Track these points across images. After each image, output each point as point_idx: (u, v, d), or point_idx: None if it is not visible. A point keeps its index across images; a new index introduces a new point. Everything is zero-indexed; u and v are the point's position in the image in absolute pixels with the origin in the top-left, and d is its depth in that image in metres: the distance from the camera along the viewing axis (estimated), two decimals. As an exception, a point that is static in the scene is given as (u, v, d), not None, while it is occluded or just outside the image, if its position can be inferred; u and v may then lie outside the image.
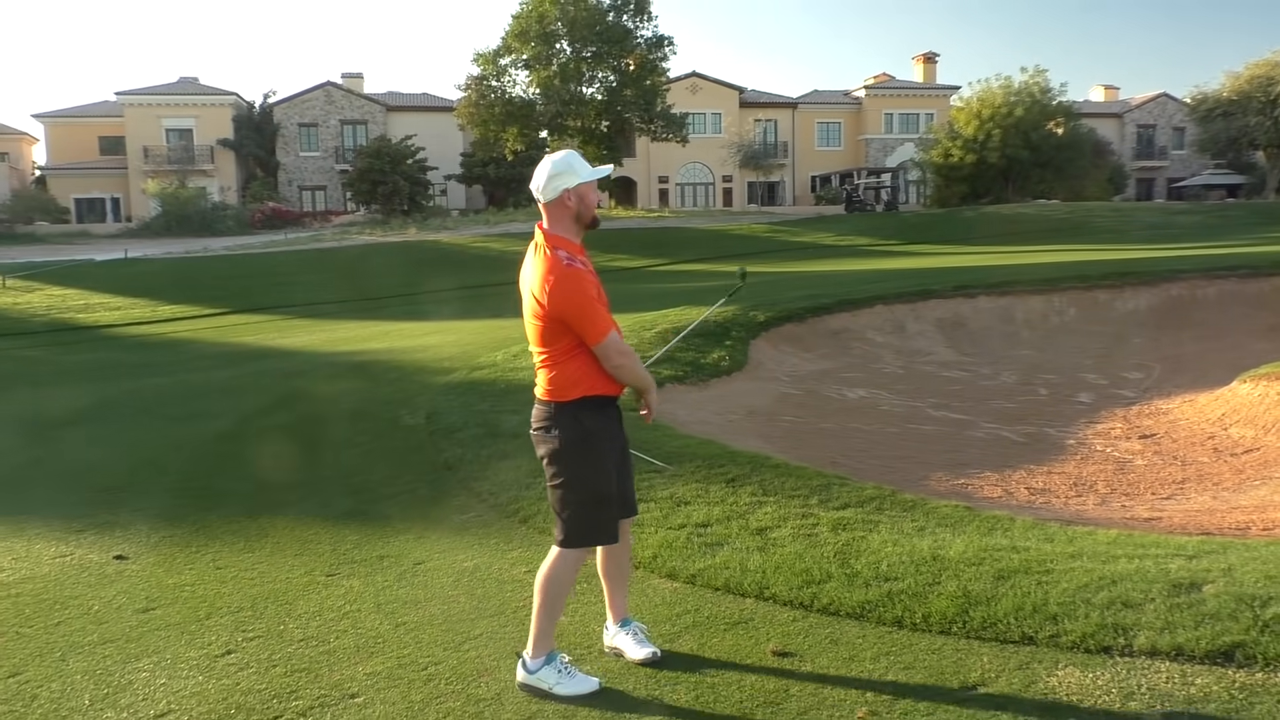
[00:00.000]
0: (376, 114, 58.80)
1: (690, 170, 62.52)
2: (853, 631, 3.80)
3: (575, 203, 3.41)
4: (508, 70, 46.16)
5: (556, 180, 3.39)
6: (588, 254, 3.57)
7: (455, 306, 20.56)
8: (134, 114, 54.91)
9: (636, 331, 13.26)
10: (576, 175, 3.39)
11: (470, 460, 7.30)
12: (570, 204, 3.41)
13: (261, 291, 24.88)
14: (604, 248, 33.09)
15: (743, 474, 6.40)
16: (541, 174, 3.41)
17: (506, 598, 4.52)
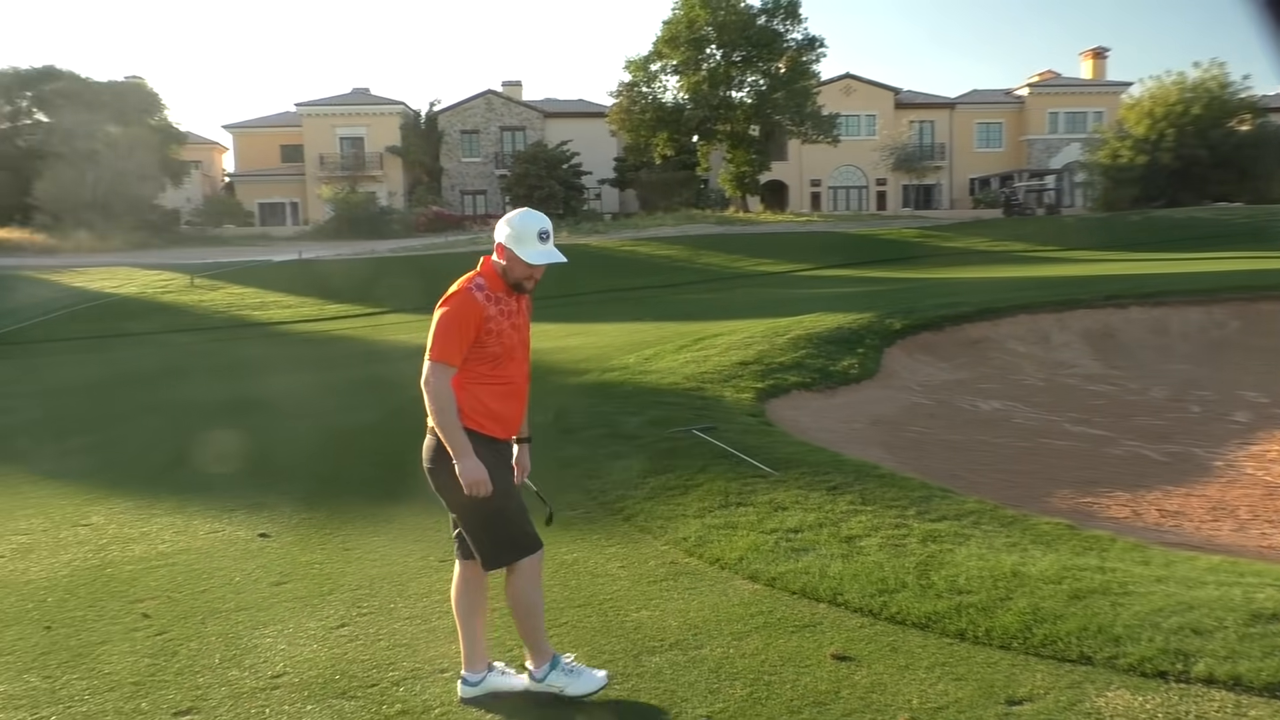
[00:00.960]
0: (534, 120, 60.57)
1: (843, 173, 61.69)
2: (915, 640, 3.90)
3: (507, 261, 3.47)
4: (658, 76, 46.81)
5: (502, 229, 3.49)
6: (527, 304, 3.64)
7: (598, 309, 21.13)
8: (311, 124, 58.44)
9: (768, 337, 13.38)
10: (517, 244, 3.44)
11: (587, 459, 7.63)
12: (501, 258, 3.49)
13: (417, 292, 26.13)
14: (750, 252, 33.18)
15: (845, 482, 6.49)
16: (505, 217, 3.55)
17: (596, 589, 4.80)
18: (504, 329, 3.49)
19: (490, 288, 3.49)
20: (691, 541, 5.39)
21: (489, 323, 3.44)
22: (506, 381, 3.58)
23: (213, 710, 3.74)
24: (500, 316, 3.47)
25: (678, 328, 15.58)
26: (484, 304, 3.44)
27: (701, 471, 6.86)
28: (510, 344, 3.53)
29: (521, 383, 3.67)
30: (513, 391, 3.63)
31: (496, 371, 3.54)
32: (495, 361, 3.52)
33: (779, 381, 11.14)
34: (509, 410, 3.63)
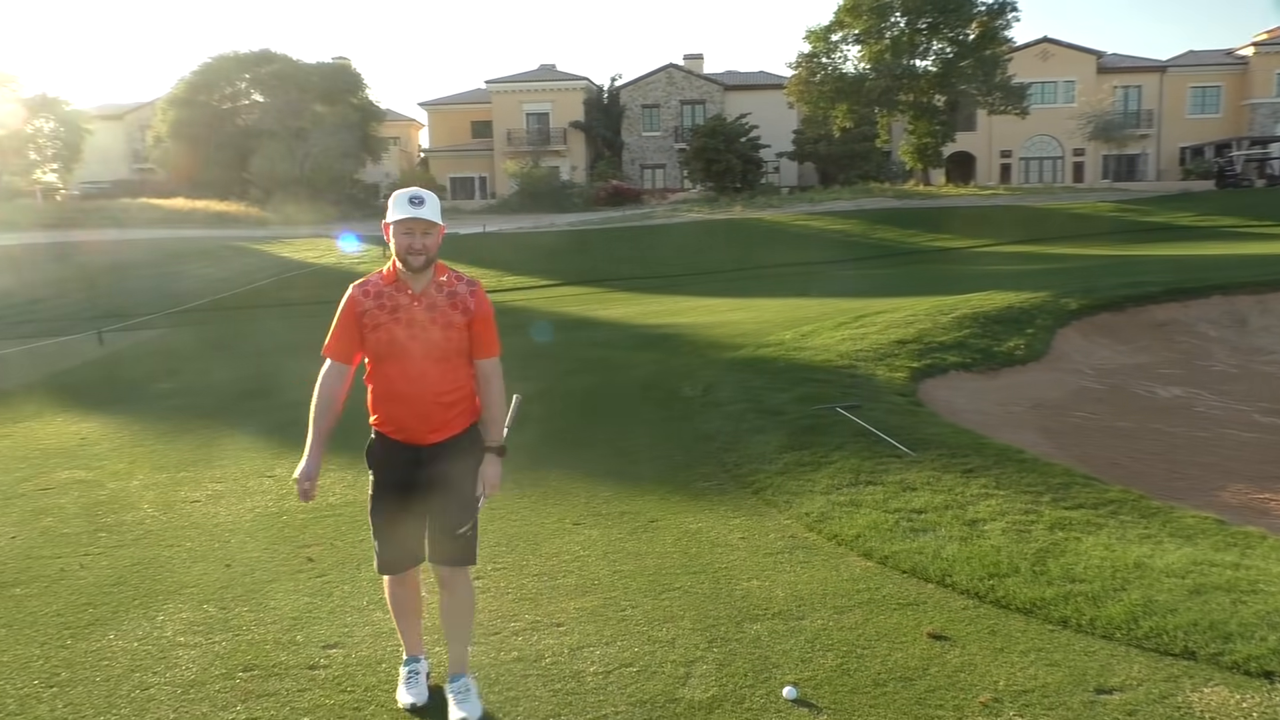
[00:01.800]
0: (714, 94, 60.52)
1: (1036, 143, 58.58)
2: (1015, 625, 3.90)
3: (390, 239, 3.38)
4: (838, 46, 45.80)
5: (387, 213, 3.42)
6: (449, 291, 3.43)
7: (765, 284, 21.15)
8: (500, 100, 60.51)
9: (932, 315, 13.11)
10: (388, 215, 3.37)
11: (728, 433, 7.80)
12: (387, 239, 3.40)
13: (591, 265, 26.92)
14: (927, 227, 32.21)
15: (983, 466, 6.41)
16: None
17: (713, 558, 4.99)
18: (383, 323, 3.37)
19: (383, 281, 3.42)
20: (814, 517, 5.49)
21: (364, 316, 3.38)
22: (388, 382, 3.43)
23: (355, 646, 4.17)
24: (379, 310, 3.37)
25: (840, 304, 15.43)
26: (359, 297, 3.40)
27: (838, 449, 6.92)
28: (392, 339, 3.37)
29: (405, 385, 3.41)
30: (397, 395, 3.43)
31: (380, 369, 3.44)
32: (377, 359, 3.43)
33: (937, 361, 10.93)
34: (394, 413, 3.46)
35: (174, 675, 3.94)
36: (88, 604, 4.78)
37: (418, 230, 3.33)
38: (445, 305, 3.41)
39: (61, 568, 5.37)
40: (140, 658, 4.12)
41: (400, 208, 3.32)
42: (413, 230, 3.33)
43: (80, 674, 3.99)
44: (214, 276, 26.65)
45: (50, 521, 6.31)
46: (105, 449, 8.48)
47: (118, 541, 5.82)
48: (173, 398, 11.07)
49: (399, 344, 3.37)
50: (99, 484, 7.25)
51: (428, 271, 3.41)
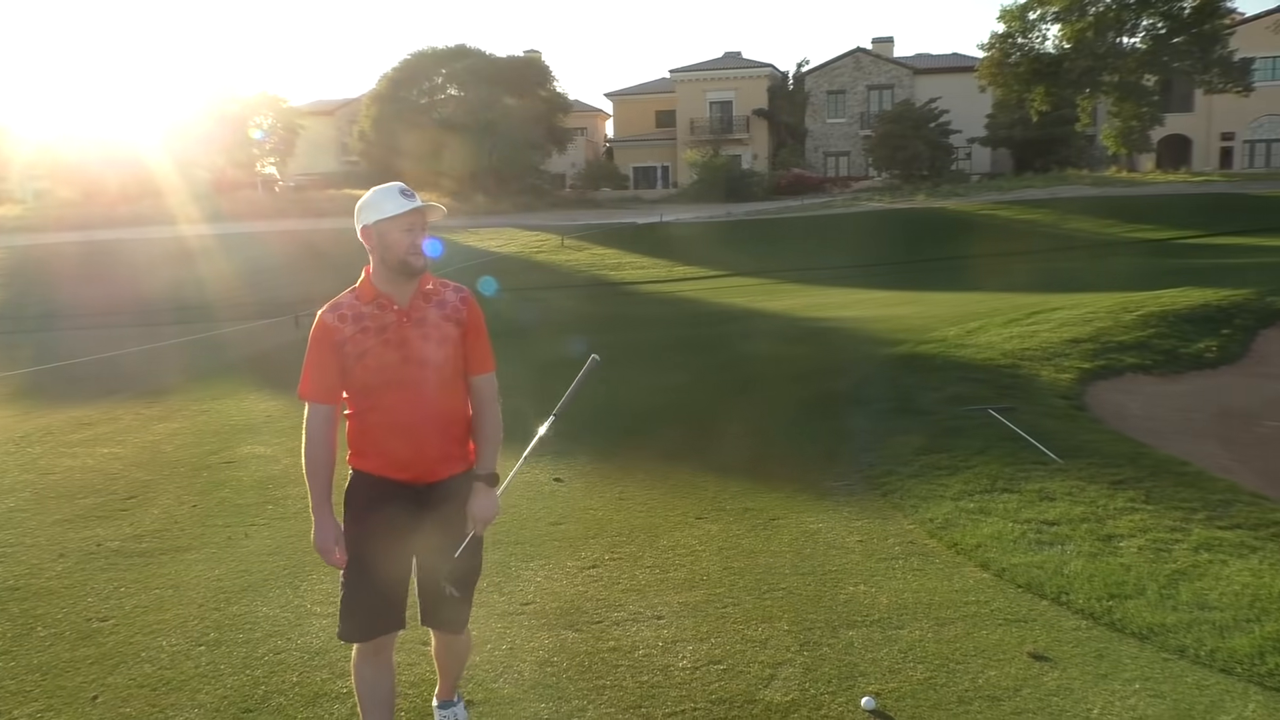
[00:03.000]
0: (903, 78, 58.72)
1: (1265, 125, 53.54)
2: (1127, 651, 3.69)
3: (376, 243, 2.92)
4: (1036, 25, 43.40)
5: (358, 217, 2.96)
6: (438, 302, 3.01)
7: (940, 276, 20.46)
8: (684, 89, 60.82)
9: (1114, 313, 12.37)
10: (378, 211, 2.90)
11: (868, 432, 7.66)
12: (371, 244, 2.93)
13: (762, 255, 26.77)
14: (1126, 217, 30.19)
15: (1135, 478, 6.05)
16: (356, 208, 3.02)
17: (825, 560, 4.95)
18: (370, 348, 2.91)
19: (359, 298, 2.97)
20: (937, 523, 5.35)
21: (345, 345, 2.90)
22: (385, 414, 2.94)
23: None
24: (363, 335, 2.91)
25: (1015, 299, 14.76)
26: (335, 324, 2.92)
27: (979, 453, 6.68)
28: (383, 366, 2.91)
29: (409, 415, 2.95)
30: (397, 429, 2.95)
31: (371, 402, 2.94)
32: (367, 390, 2.93)
33: (1112, 362, 10.33)
34: (399, 449, 2.96)
35: (304, 642, 4.27)
36: (244, 571, 5.24)
37: (419, 225, 2.93)
38: (437, 318, 2.98)
39: (229, 536, 5.90)
40: (279, 624, 4.49)
41: (394, 201, 2.90)
42: (414, 225, 2.91)
43: (226, 635, 4.39)
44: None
45: (227, 493, 6.92)
46: (286, 426, 9.17)
47: (281, 514, 6.32)
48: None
49: (392, 370, 2.92)
50: (275, 459, 7.87)
51: (414, 280, 2.97)
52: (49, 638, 4.44)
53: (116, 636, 4.42)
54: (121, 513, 6.48)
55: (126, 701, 3.78)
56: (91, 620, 4.62)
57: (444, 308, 3.02)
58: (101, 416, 10.02)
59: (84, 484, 7.30)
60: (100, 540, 5.87)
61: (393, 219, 2.88)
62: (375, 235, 2.91)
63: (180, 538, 5.90)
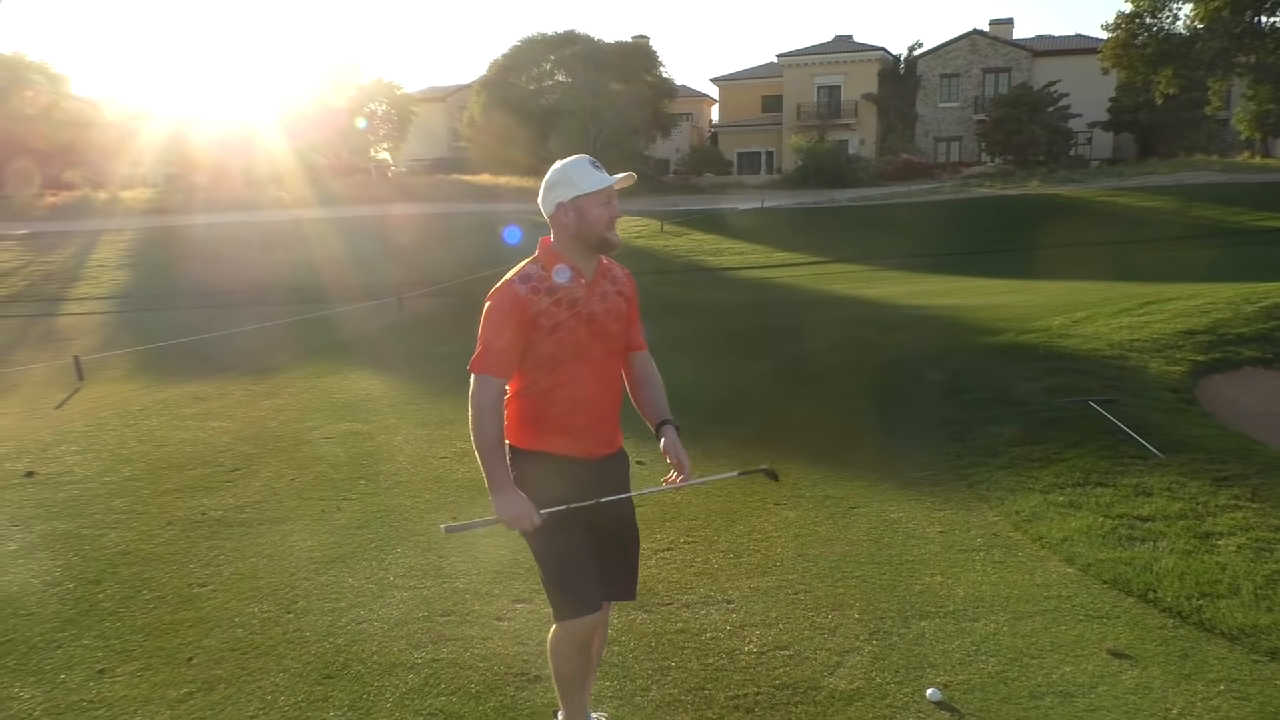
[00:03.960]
0: (1021, 60, 56.78)
1: None
2: (1214, 651, 3.53)
3: (573, 219, 2.82)
4: (1167, 4, 41.34)
5: (551, 192, 2.86)
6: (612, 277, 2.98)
7: (1050, 265, 19.75)
8: (791, 74, 60.06)
9: (1234, 304, 11.77)
10: (575, 187, 2.80)
11: (961, 421, 7.48)
12: (567, 220, 2.83)
13: (865, 241, 26.26)
14: (1258, 205, 28.60)
15: (1242, 474, 5.76)
16: (542, 184, 2.90)
17: (903, 550, 4.87)
18: (563, 321, 2.83)
19: (548, 270, 2.87)
20: (1024, 515, 5.20)
21: (539, 318, 2.81)
22: (571, 388, 2.88)
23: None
24: (557, 308, 2.83)
25: (1128, 289, 14.17)
26: (529, 296, 2.82)
27: (1074, 446, 6.46)
28: (575, 339, 2.85)
29: (595, 388, 2.92)
30: (581, 402, 2.90)
31: (557, 376, 2.87)
32: (554, 364, 2.86)
33: (1229, 355, 9.84)
34: (582, 423, 2.92)
35: (385, 613, 4.42)
36: (335, 542, 5.44)
37: (614, 198, 2.86)
38: (613, 293, 2.97)
39: (323, 509, 6.12)
40: (363, 595, 4.65)
41: (591, 176, 2.81)
42: (611, 199, 2.85)
43: (313, 604, 4.57)
44: (507, 248, 28.62)
45: (324, 467, 7.18)
46: (383, 404, 9.47)
47: (372, 489, 6.53)
48: (449, 360, 12.10)
49: (583, 343, 2.87)
50: (370, 436, 8.13)
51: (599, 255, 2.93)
52: (153, 600, 4.69)
53: (213, 602, 4.64)
54: (226, 484, 6.79)
55: (218, 664, 3.97)
56: (192, 585, 4.87)
57: (616, 283, 3.01)
58: (214, 392, 10.50)
59: (194, 455, 7.67)
60: (205, 510, 6.17)
61: (592, 195, 2.81)
62: (573, 212, 2.83)
63: (278, 509, 6.15)
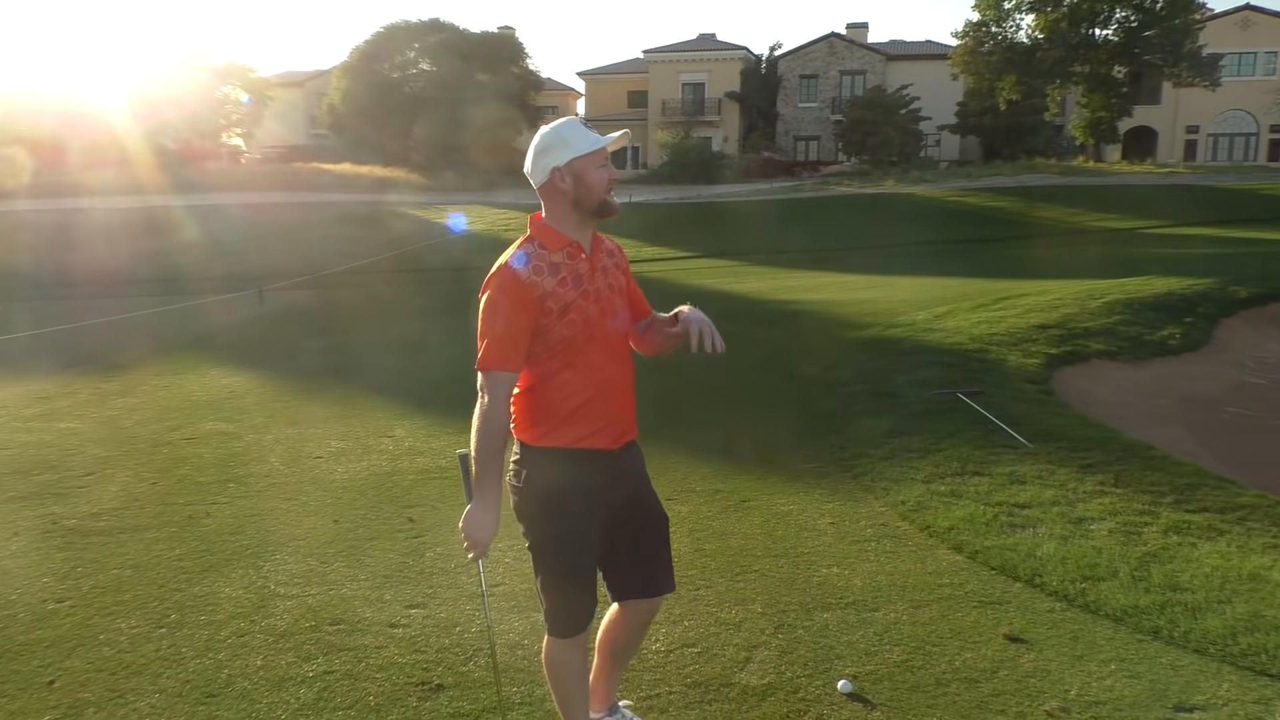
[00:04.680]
0: (876, 64, 58.83)
1: (1229, 119, 54.33)
2: (1101, 632, 3.69)
3: (571, 184, 2.60)
4: (1010, 14, 43.64)
5: (544, 157, 2.62)
6: (607, 250, 2.76)
7: (907, 262, 20.50)
8: (657, 70, 60.54)
9: (1080, 300, 12.46)
10: (571, 149, 2.58)
11: (839, 414, 7.65)
12: (564, 185, 2.60)
13: (731, 237, 26.72)
14: (1094, 207, 30.48)
15: (1104, 461, 6.07)
16: (530, 151, 2.66)
17: (798, 542, 4.91)
18: (572, 301, 2.60)
19: (547, 246, 2.63)
20: (909, 506, 5.34)
21: (547, 300, 2.58)
22: (589, 372, 2.65)
23: (436, 608, 4.31)
24: (563, 288, 2.60)
25: (983, 285, 14.83)
26: (534, 279, 2.58)
27: (950, 436, 6.68)
28: (587, 318, 2.62)
29: (615, 369, 2.70)
30: (602, 385, 2.67)
31: (573, 361, 2.63)
32: (569, 349, 2.62)
33: (1078, 348, 10.39)
34: (604, 409, 2.68)
35: (269, 624, 4.17)
36: (206, 550, 5.12)
37: (609, 159, 2.65)
38: (612, 266, 2.75)
39: (190, 514, 5.76)
40: (242, 605, 4.38)
41: (586, 136, 2.61)
42: (608, 161, 2.64)
43: (188, 617, 4.27)
44: (372, 239, 27.85)
45: (187, 470, 6.77)
46: (249, 403, 9.02)
47: (244, 492, 6.19)
48: (318, 356, 11.66)
49: (595, 322, 2.64)
50: (237, 436, 7.72)
51: (593, 225, 2.70)
52: (3, 620, 4.30)
53: (74, 619, 4.29)
54: (79, 490, 6.32)
55: (85, 686, 3.67)
56: (48, 601, 4.48)
57: (612, 255, 2.78)
58: (59, 390, 9.80)
59: (39, 460, 7.11)
60: (56, 518, 5.72)
61: (589, 155, 2.59)
62: (570, 176, 2.59)
63: (140, 516, 5.75)
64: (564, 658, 2.85)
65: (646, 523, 2.85)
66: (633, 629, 2.96)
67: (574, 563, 2.71)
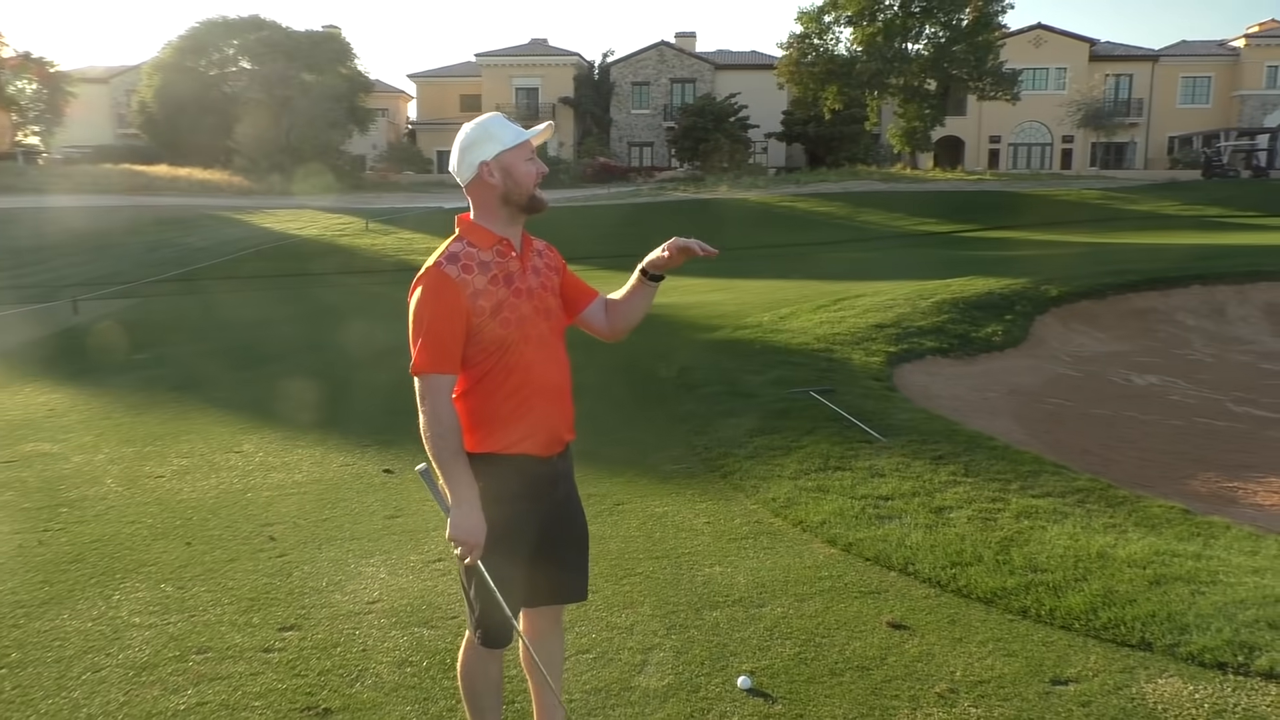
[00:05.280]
0: (705, 72, 60.23)
1: (1026, 130, 58.60)
2: (975, 615, 3.89)
3: (499, 179, 2.54)
4: (830, 28, 45.61)
5: (470, 153, 2.56)
6: (536, 249, 2.70)
7: (747, 265, 21.03)
8: (490, 74, 60.05)
9: (911, 300, 13.10)
10: (497, 142, 2.53)
11: (700, 415, 7.77)
12: (492, 180, 2.54)
13: (573, 242, 26.70)
14: (913, 211, 32.17)
15: (953, 453, 6.39)
16: (455, 148, 2.61)
17: (677, 543, 4.95)
18: (504, 299, 2.54)
19: (476, 244, 2.57)
20: (780, 502, 5.47)
21: (478, 299, 2.51)
22: (525, 373, 2.57)
23: (312, 629, 4.11)
24: (495, 285, 2.53)
25: (821, 286, 15.41)
26: (462, 277, 2.51)
27: (809, 434, 6.89)
28: (520, 317, 2.55)
29: (552, 370, 2.63)
30: (539, 387, 2.59)
31: (507, 362, 2.55)
32: (502, 349, 2.54)
33: (914, 346, 10.93)
34: (540, 413, 2.60)
35: (126, 657, 3.88)
36: (44, 582, 4.71)
37: (535, 153, 2.60)
38: (543, 265, 2.70)
39: (20, 544, 5.30)
40: (94, 638, 4.06)
41: (510, 129, 2.56)
42: (534, 154, 2.59)
43: (32, 655, 3.93)
44: (194, 246, 26.38)
45: (11, 495, 6.22)
46: (73, 421, 8.38)
47: (79, 517, 5.74)
48: (145, 369, 10.95)
49: (529, 321, 2.57)
50: (64, 457, 7.16)
51: (522, 222, 2.64)
52: None
53: (-106, 663, 3.87)
54: (-117, 522, 5.71)
55: (-86, 737, 3.32)
56: None
57: (542, 255, 2.73)
58: None
59: None
60: None
61: (516, 149, 2.54)
62: (499, 170, 2.54)
63: (-40, 547, 5.25)
64: (483, 668, 2.79)
65: (570, 529, 2.81)
66: (544, 635, 2.90)
67: (508, 570, 2.62)
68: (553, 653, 2.93)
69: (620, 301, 2.83)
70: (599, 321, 2.83)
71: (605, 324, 2.84)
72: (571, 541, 2.81)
